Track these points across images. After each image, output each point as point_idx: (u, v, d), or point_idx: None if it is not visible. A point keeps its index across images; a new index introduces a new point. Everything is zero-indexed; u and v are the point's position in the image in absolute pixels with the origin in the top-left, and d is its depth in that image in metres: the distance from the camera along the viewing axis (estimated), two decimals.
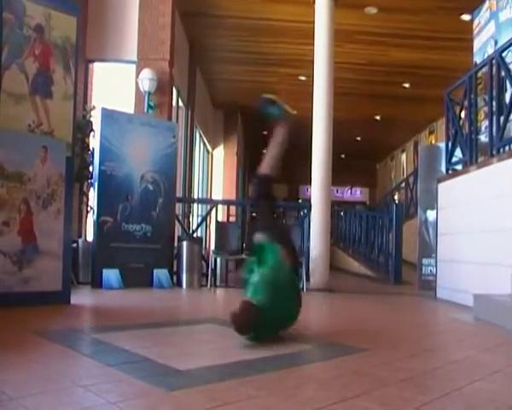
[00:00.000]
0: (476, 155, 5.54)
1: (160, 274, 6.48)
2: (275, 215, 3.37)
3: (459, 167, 6.05)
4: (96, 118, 6.36)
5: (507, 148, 5.01)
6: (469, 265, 5.27)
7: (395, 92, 13.13)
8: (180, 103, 10.01)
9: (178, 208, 8.27)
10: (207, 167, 14.75)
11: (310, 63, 7.65)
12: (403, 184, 14.87)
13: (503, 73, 5.05)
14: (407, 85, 12.64)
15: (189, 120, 10.71)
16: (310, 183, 7.44)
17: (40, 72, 4.25)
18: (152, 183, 6.61)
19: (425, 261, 7.62)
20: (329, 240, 7.55)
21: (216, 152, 15.57)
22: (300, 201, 22.71)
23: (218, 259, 7.14)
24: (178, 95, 9.64)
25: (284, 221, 14.36)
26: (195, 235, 7.77)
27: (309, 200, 7.53)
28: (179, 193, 9.14)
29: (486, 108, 5.45)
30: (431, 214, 7.40)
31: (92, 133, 6.54)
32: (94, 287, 5.93)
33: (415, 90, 12.75)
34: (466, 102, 5.87)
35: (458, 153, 6.13)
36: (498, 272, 4.55)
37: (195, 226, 8.19)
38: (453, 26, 9.03)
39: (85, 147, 6.62)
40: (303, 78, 11.74)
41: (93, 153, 6.43)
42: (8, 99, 4.00)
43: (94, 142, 6.44)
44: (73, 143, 4.55)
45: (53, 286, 4.22)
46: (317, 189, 7.32)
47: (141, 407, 1.75)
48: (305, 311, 5.18)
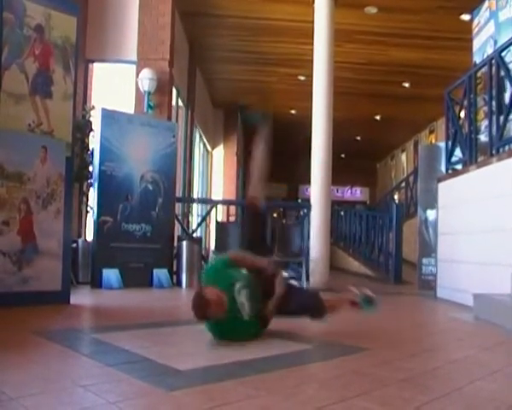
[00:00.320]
0: (476, 155, 5.54)
1: (160, 274, 6.48)
2: (262, 230, 3.53)
3: (459, 167, 6.05)
4: (96, 118, 6.36)
5: (506, 147, 5.01)
6: (469, 264, 5.27)
7: (395, 92, 13.12)
8: (180, 103, 10.00)
9: (178, 208, 8.27)
10: (207, 167, 14.75)
11: (309, 63, 7.64)
12: (403, 184, 14.88)
13: (503, 73, 5.05)
14: (407, 85, 12.63)
15: (189, 120, 10.70)
16: (309, 182, 7.43)
17: (40, 72, 4.25)
18: (152, 183, 6.61)
19: (425, 261, 7.61)
20: (329, 240, 7.54)
21: (216, 152, 15.56)
22: (300, 200, 22.72)
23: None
24: (178, 95, 9.63)
25: (284, 221, 14.40)
26: (195, 235, 7.77)
27: (309, 200, 7.53)
28: (179, 193, 9.14)
29: (486, 108, 5.45)
30: (431, 214, 7.40)
31: (92, 133, 6.54)
32: (93, 287, 5.93)
33: (415, 89, 12.74)
34: (466, 102, 5.87)
35: (458, 152, 6.13)
36: (498, 272, 4.55)
37: (195, 226, 8.19)
38: (453, 26, 9.03)
39: (85, 147, 6.62)
40: (302, 77, 11.73)
41: (93, 153, 6.43)
42: (8, 99, 4.00)
43: (93, 142, 6.44)
44: (73, 143, 4.56)
45: (52, 286, 4.22)
46: (317, 188, 7.31)
47: (140, 407, 1.75)
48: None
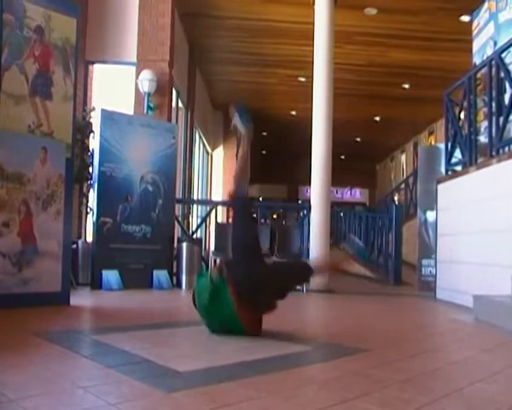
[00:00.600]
0: (476, 156, 5.54)
1: (160, 275, 6.48)
2: (252, 219, 3.62)
3: (459, 168, 6.05)
4: (96, 119, 6.36)
5: (506, 149, 5.01)
6: (469, 266, 5.27)
7: (395, 93, 13.14)
8: (180, 104, 10.01)
9: (178, 209, 8.27)
10: (207, 168, 14.76)
11: (309, 64, 7.65)
12: (402, 185, 14.88)
13: (503, 74, 5.05)
14: (407, 86, 12.65)
15: (189, 121, 10.71)
16: (309, 184, 7.43)
17: (40, 73, 4.25)
18: (152, 184, 6.61)
19: (425, 262, 7.61)
20: (329, 241, 7.54)
21: (215, 153, 15.57)
22: (300, 202, 22.74)
23: (218, 260, 7.14)
24: (178, 96, 9.64)
25: (284, 222, 14.41)
26: (195, 236, 7.76)
27: (309, 201, 7.52)
28: (179, 194, 9.14)
29: (486, 109, 5.45)
30: (431, 215, 7.40)
31: (92, 134, 6.54)
32: (93, 288, 5.92)
33: (414, 90, 12.76)
34: (465, 103, 5.88)
35: (458, 154, 6.14)
36: (498, 273, 4.55)
37: (195, 227, 8.18)
38: (452, 27, 9.05)
39: (85, 148, 6.62)
40: (302, 79, 11.75)
41: (93, 154, 6.43)
42: (8, 100, 4.00)
43: (93, 143, 6.43)
44: (73, 145, 4.55)
45: (52, 287, 4.22)
46: (317, 190, 7.31)
47: (140, 409, 1.75)
48: (306, 312, 5.21)
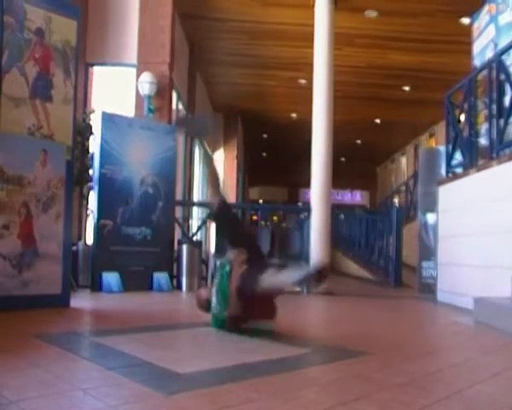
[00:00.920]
0: (476, 158, 5.54)
1: (160, 278, 6.47)
2: (237, 226, 3.85)
3: (459, 170, 6.05)
4: (96, 121, 6.36)
5: (507, 151, 5.01)
6: (469, 268, 5.27)
7: (395, 95, 13.15)
8: (180, 106, 10.02)
9: (178, 212, 8.26)
10: (207, 171, 14.76)
11: (309, 66, 7.66)
12: (403, 187, 14.89)
13: (503, 76, 5.06)
14: (407, 88, 12.66)
15: None
16: (310, 186, 7.43)
17: (40, 75, 4.25)
18: (152, 186, 6.61)
19: (425, 264, 7.60)
20: (330, 243, 7.53)
21: (216, 155, 15.58)
22: (300, 204, 22.76)
23: (218, 262, 7.12)
24: (178, 98, 9.65)
25: (285, 225, 14.41)
26: (195, 238, 7.76)
27: (309, 203, 7.52)
28: (179, 196, 9.14)
29: (486, 111, 5.45)
30: (431, 217, 7.40)
31: (92, 137, 6.54)
32: (93, 290, 5.92)
33: (415, 93, 12.77)
34: (466, 106, 5.88)
35: (458, 156, 6.14)
36: (498, 275, 4.55)
37: (195, 230, 8.18)
38: (453, 30, 9.06)
39: (85, 150, 6.62)
40: (303, 81, 11.77)
41: (93, 156, 6.43)
42: (8, 102, 4.00)
43: (94, 145, 6.44)
44: (73, 147, 4.55)
45: (53, 289, 4.21)
46: (317, 192, 7.31)
47: None
48: (306, 314, 5.20)
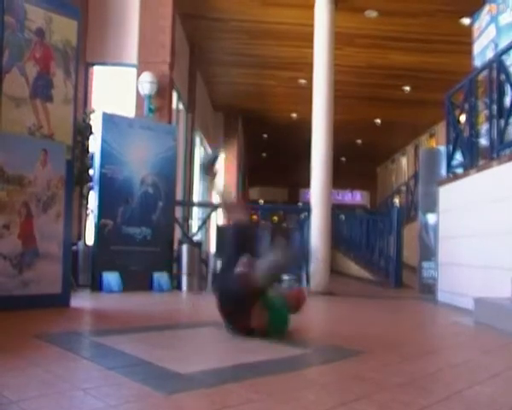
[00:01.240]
0: (477, 159, 5.54)
1: (160, 277, 6.47)
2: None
3: (460, 171, 6.05)
4: (96, 121, 6.36)
5: (507, 151, 5.01)
6: (470, 268, 5.27)
7: (395, 95, 13.14)
8: (180, 106, 10.02)
9: (178, 212, 8.26)
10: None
11: (310, 66, 7.65)
12: (403, 188, 14.89)
13: (504, 77, 5.06)
14: (407, 89, 12.65)
15: (190, 123, 10.72)
16: (310, 186, 7.42)
17: (40, 75, 4.25)
18: (152, 186, 6.61)
19: (425, 265, 7.60)
20: (330, 243, 7.53)
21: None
22: (300, 204, 22.76)
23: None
24: (178, 98, 9.64)
25: (285, 225, 14.41)
26: (195, 238, 7.76)
27: (309, 203, 7.51)
28: (179, 196, 9.14)
29: (487, 112, 5.45)
30: (431, 218, 7.39)
31: (92, 136, 6.53)
32: (94, 290, 5.92)
33: (415, 93, 12.76)
34: (466, 106, 5.88)
35: (459, 156, 6.13)
36: (499, 276, 4.55)
37: (195, 230, 8.17)
38: (453, 30, 9.05)
39: (85, 150, 6.62)
40: (303, 81, 11.76)
41: (93, 156, 6.43)
42: (8, 102, 4.00)
43: (94, 145, 6.44)
44: (74, 147, 4.55)
45: (53, 289, 4.21)
46: (318, 192, 7.31)
47: None
48: (306, 314, 5.19)
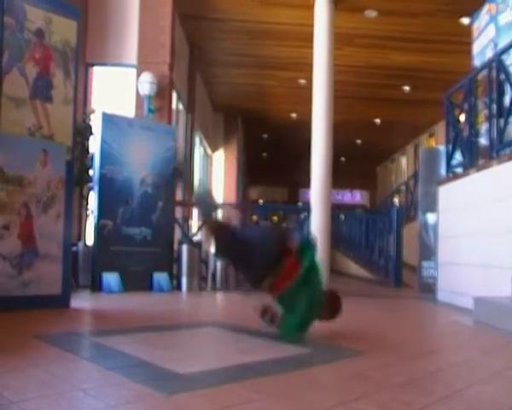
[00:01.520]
0: (476, 158, 5.54)
1: (160, 278, 6.47)
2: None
3: (459, 170, 6.05)
4: (96, 121, 6.36)
5: (507, 150, 5.01)
6: (470, 267, 5.27)
7: (395, 95, 13.15)
8: (180, 106, 10.02)
9: (178, 212, 8.26)
10: (207, 170, 14.76)
11: (309, 66, 7.66)
12: (403, 187, 14.89)
13: (503, 76, 5.06)
14: (407, 88, 12.65)
15: (189, 124, 10.72)
16: (310, 186, 7.43)
17: (40, 76, 4.26)
18: (152, 186, 6.61)
19: (425, 264, 7.60)
20: (330, 243, 7.53)
21: (216, 155, 15.58)
22: (300, 204, 22.78)
23: (218, 262, 7.13)
24: (178, 98, 9.64)
25: (285, 225, 14.42)
26: (195, 238, 7.76)
27: (309, 203, 7.51)
28: (179, 197, 9.14)
29: (486, 111, 5.45)
30: (431, 217, 7.39)
31: (92, 137, 6.54)
32: (94, 291, 5.92)
33: (414, 93, 12.77)
34: (466, 105, 5.88)
35: (458, 156, 6.13)
36: (498, 275, 4.55)
37: (195, 230, 8.17)
38: (452, 29, 9.05)
39: (85, 150, 6.62)
40: (302, 81, 11.76)
41: (93, 156, 6.43)
42: (8, 103, 4.00)
43: (94, 145, 6.44)
44: (73, 147, 4.55)
45: (53, 290, 4.22)
46: (317, 192, 7.31)
47: None
48: None
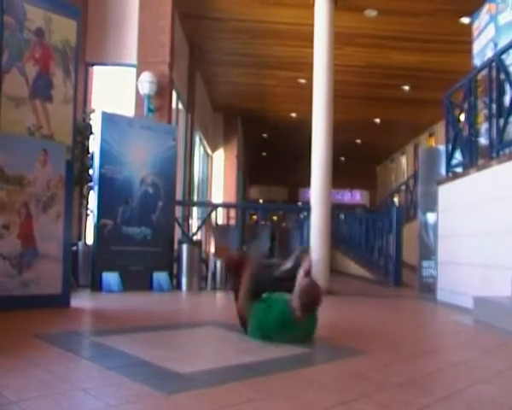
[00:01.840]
0: (476, 158, 5.54)
1: (160, 277, 6.48)
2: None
3: (459, 170, 6.05)
4: (96, 121, 6.36)
5: (507, 150, 5.01)
6: (469, 267, 5.27)
7: (395, 95, 13.14)
8: (180, 106, 10.02)
9: (178, 211, 8.27)
10: (207, 170, 14.76)
11: (309, 66, 7.65)
12: (403, 187, 14.89)
13: (503, 76, 5.06)
14: (407, 88, 12.65)
15: (189, 123, 10.71)
16: (309, 185, 7.42)
17: (40, 75, 4.25)
18: (152, 186, 6.61)
19: (425, 264, 7.60)
20: (330, 243, 7.52)
21: (216, 155, 15.58)
22: (300, 204, 22.80)
23: (218, 262, 7.14)
24: (178, 98, 9.64)
25: (284, 224, 14.43)
26: (195, 238, 7.76)
27: (309, 203, 7.51)
28: (179, 196, 9.14)
29: (486, 111, 5.45)
30: (431, 217, 7.39)
31: (92, 136, 6.53)
32: (94, 290, 5.92)
33: (414, 92, 12.76)
34: (466, 105, 5.88)
35: (458, 155, 6.14)
36: (498, 275, 4.55)
37: (195, 229, 8.18)
38: (452, 29, 9.05)
39: (85, 150, 6.62)
40: (302, 80, 11.76)
41: (93, 156, 6.43)
42: (8, 102, 4.00)
43: (94, 145, 6.43)
44: (73, 147, 4.55)
45: (53, 289, 4.22)
46: (317, 191, 7.30)
47: None
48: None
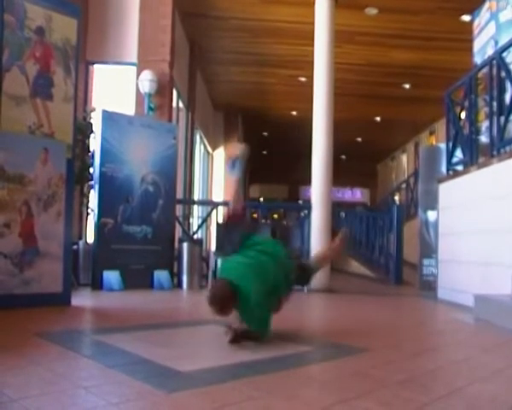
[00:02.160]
0: (477, 156, 5.54)
1: (161, 276, 6.48)
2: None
3: (460, 168, 6.05)
4: (97, 119, 6.36)
5: (507, 148, 5.01)
6: (470, 265, 5.27)
7: (395, 93, 13.13)
8: (180, 105, 10.01)
9: (179, 210, 8.27)
10: (208, 169, 14.75)
11: (310, 64, 7.65)
12: (403, 185, 14.89)
13: (504, 74, 5.05)
14: (407, 86, 12.64)
15: (190, 122, 10.71)
16: (310, 184, 7.43)
17: (41, 74, 4.26)
18: (152, 184, 6.61)
19: (426, 262, 7.60)
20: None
21: (216, 153, 15.57)
22: (301, 202, 22.79)
23: (219, 260, 7.14)
24: (178, 96, 9.64)
25: (285, 222, 14.42)
26: (196, 236, 7.77)
27: (310, 201, 7.51)
28: (180, 195, 9.14)
29: (487, 109, 5.45)
30: (432, 215, 7.39)
31: (92, 135, 6.54)
32: (94, 289, 5.93)
33: (415, 90, 12.75)
34: (466, 103, 5.88)
35: (459, 153, 6.13)
36: (499, 273, 4.55)
37: (196, 228, 8.18)
38: (453, 27, 9.04)
39: (86, 148, 6.62)
40: (303, 79, 11.75)
41: (93, 154, 6.43)
42: (8, 101, 4.00)
43: (94, 143, 6.44)
44: (74, 145, 4.55)
45: (53, 288, 4.22)
46: (318, 190, 7.31)
47: (141, 409, 1.75)
48: (306, 312, 5.21)
